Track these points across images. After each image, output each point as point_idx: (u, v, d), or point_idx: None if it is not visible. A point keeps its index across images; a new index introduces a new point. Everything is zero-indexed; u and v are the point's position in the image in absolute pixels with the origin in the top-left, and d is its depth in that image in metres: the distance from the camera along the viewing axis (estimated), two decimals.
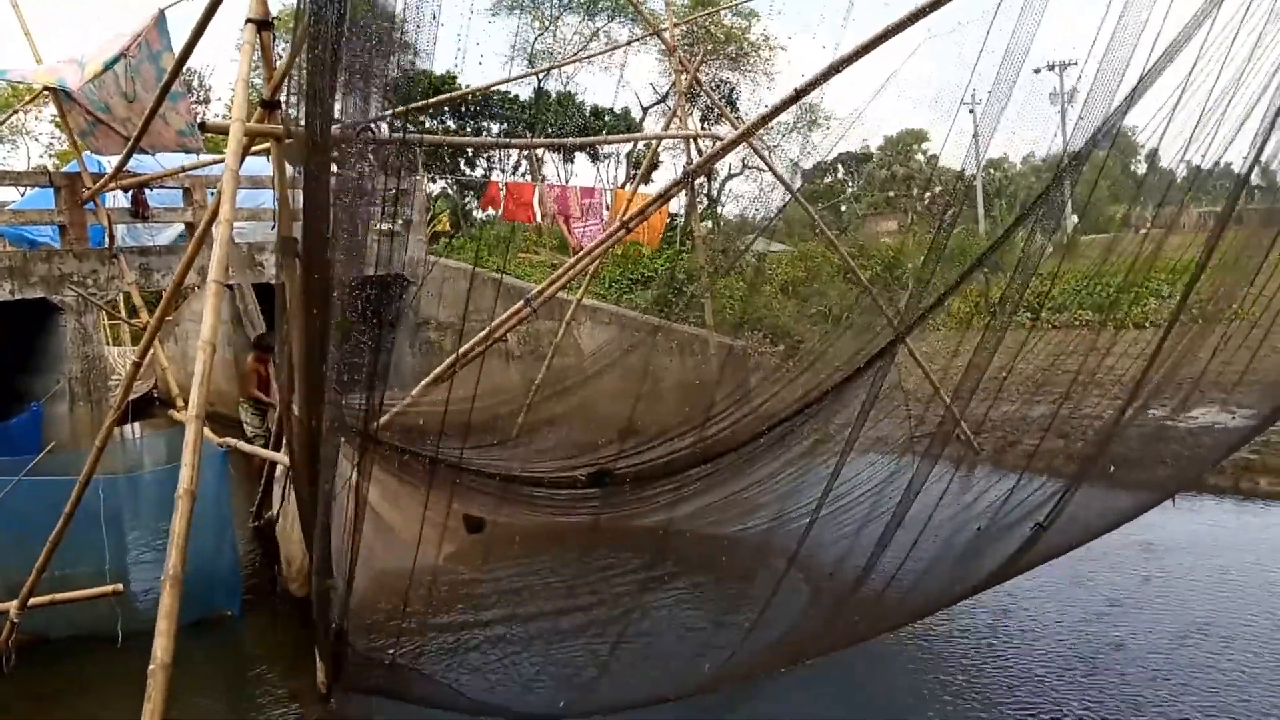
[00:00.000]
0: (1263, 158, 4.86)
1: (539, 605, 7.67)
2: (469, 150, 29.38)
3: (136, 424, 16.23)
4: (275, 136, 6.39)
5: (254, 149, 7.54)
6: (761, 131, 10.62)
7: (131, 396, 8.25)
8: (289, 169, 8.30)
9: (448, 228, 23.52)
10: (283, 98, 6.31)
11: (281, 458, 7.41)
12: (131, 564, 8.02)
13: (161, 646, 3.18)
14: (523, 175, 29.48)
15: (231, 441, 8.06)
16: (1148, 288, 20.09)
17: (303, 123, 4.02)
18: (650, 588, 7.38)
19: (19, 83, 13.19)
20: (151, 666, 3.17)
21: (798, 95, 6.97)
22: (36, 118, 35.53)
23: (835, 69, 6.43)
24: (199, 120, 10.89)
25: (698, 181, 12.69)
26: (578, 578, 7.82)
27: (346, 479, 4.87)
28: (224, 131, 5.63)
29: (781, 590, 5.70)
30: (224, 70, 42.95)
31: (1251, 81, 5.18)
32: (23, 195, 17.65)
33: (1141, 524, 5.99)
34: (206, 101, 35.45)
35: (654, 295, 16.39)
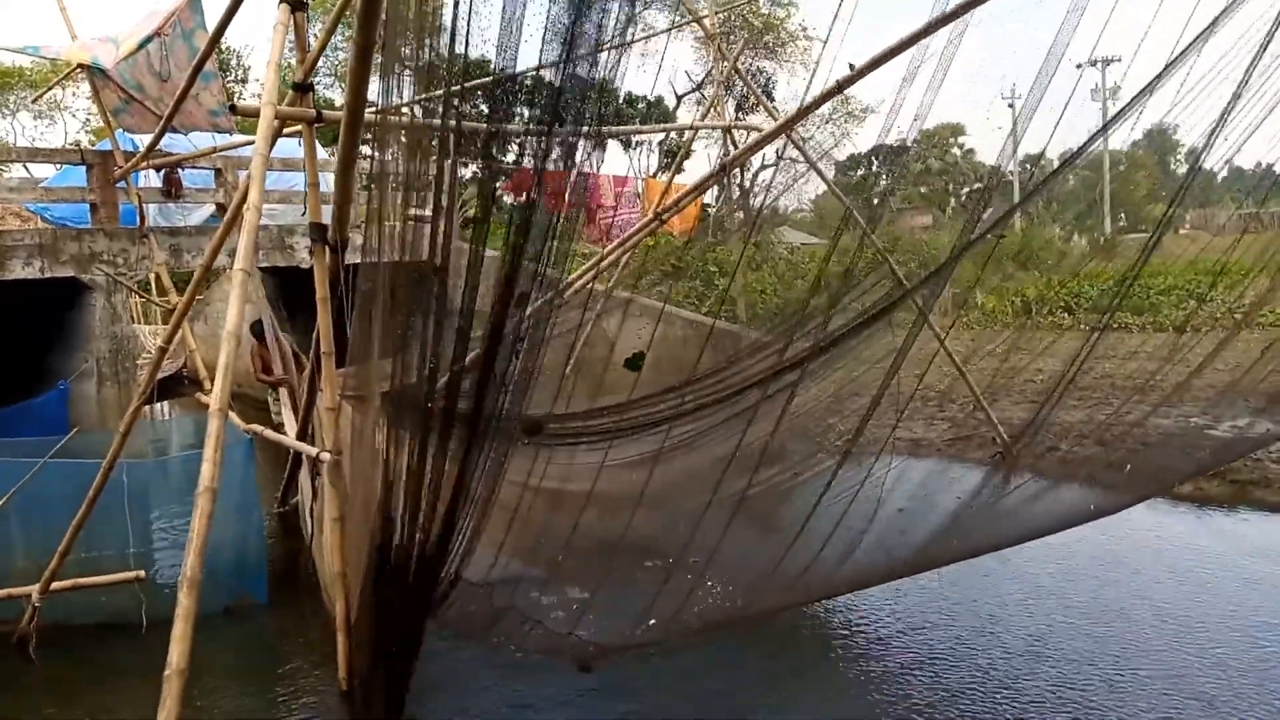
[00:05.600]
0: None
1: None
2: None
3: (165, 402, 16.27)
4: (307, 120, 6.27)
5: (286, 131, 7.41)
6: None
7: (162, 374, 8.17)
8: (321, 152, 8.20)
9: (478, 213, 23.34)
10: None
11: (308, 448, 7.29)
12: (156, 549, 8.00)
13: (178, 652, 3.03)
14: (554, 162, 29.19)
15: (256, 428, 7.97)
16: (1188, 290, 19.75)
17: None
18: None
19: (54, 59, 13.12)
20: (167, 672, 3.02)
21: (840, 87, 6.80)
22: (74, 94, 35.65)
23: (878, 62, 6.26)
24: (230, 102, 10.79)
25: (732, 172, 12.50)
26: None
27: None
28: (255, 114, 5.49)
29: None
30: (263, 49, 42.84)
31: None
32: (59, 171, 17.67)
33: None
34: (244, 81, 35.28)
35: (686, 289, 16.17)
